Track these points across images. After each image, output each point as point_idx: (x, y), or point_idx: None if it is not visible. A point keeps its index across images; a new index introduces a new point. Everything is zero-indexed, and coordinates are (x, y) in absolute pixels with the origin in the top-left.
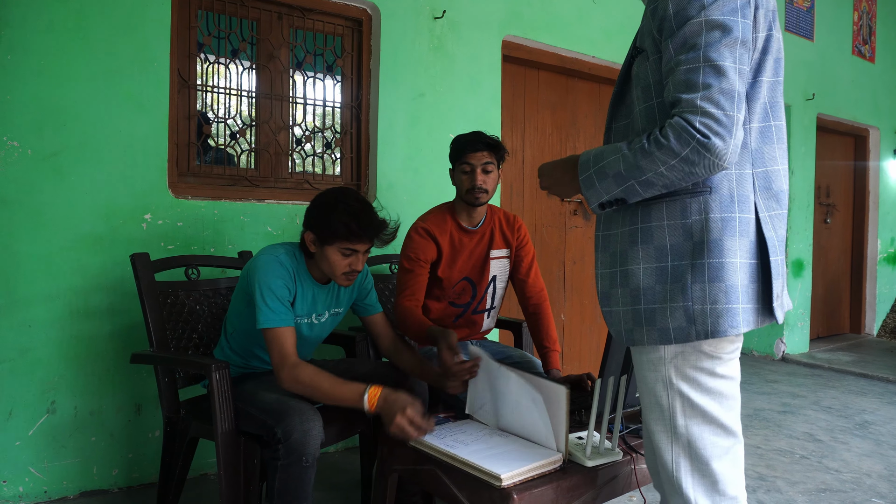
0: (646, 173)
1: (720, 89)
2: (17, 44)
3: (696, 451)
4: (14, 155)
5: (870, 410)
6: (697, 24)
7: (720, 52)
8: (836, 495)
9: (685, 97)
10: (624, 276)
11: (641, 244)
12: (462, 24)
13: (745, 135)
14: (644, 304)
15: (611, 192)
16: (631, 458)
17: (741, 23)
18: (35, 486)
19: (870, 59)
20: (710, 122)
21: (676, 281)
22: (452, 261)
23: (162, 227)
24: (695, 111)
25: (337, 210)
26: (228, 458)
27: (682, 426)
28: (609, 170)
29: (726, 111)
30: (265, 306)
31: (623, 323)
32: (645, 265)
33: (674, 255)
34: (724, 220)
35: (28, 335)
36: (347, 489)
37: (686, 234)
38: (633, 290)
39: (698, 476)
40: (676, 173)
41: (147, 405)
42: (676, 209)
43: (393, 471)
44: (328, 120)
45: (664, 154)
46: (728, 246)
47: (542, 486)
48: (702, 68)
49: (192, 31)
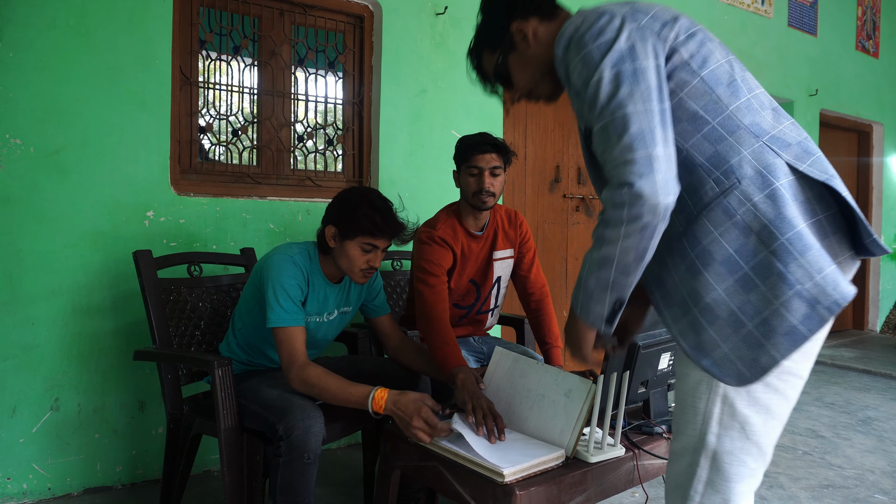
0: (613, 256)
1: (630, 136)
2: (20, 41)
3: (720, 465)
4: (17, 153)
5: (873, 406)
6: (595, 83)
7: (620, 101)
8: (839, 491)
9: (604, 159)
10: (707, 312)
11: (705, 270)
12: (464, 20)
13: (729, 118)
14: (750, 321)
15: (605, 301)
16: (633, 453)
17: (640, 54)
18: (39, 482)
19: (873, 55)
20: (627, 171)
21: (767, 276)
22: (462, 268)
23: (164, 225)
24: (613, 169)
25: (362, 205)
26: (231, 454)
27: (713, 434)
28: (590, 282)
29: (637, 153)
30: (277, 305)
31: (739, 360)
32: (723, 286)
33: (746, 258)
34: (770, 195)
35: (31, 332)
36: (351, 486)
37: (744, 231)
38: (728, 318)
39: (711, 492)
40: (634, 237)
41: (150, 402)
42: (719, 215)
43: (396, 467)
44: (330, 117)
45: (613, 227)
46: (792, 214)
47: (545, 481)
48: (609, 125)
49: (193, 28)
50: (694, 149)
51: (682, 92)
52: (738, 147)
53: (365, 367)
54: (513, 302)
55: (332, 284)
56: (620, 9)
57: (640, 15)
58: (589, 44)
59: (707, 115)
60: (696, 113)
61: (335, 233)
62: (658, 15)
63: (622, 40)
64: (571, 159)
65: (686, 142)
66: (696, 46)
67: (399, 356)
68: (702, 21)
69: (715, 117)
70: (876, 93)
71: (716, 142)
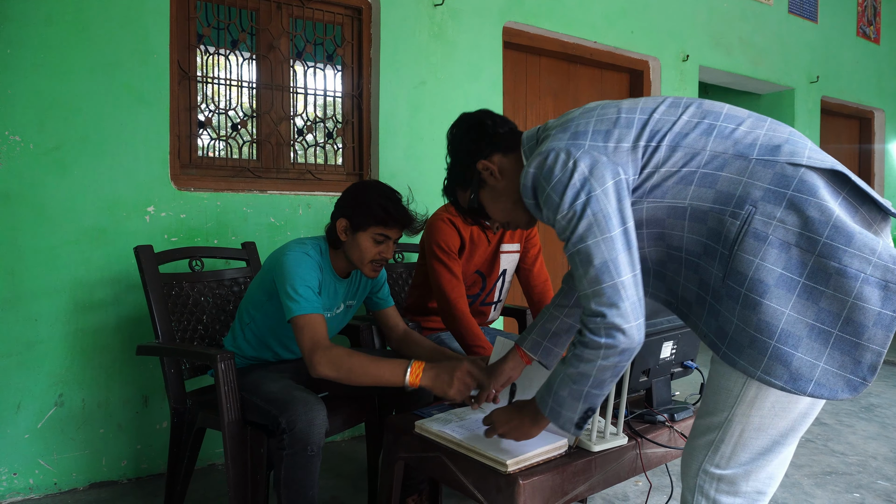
0: (589, 375)
1: (595, 268)
2: (17, 38)
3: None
4: (16, 149)
5: (875, 394)
6: (560, 220)
7: (580, 235)
8: (842, 478)
9: (577, 285)
10: (786, 338)
11: (764, 298)
12: (462, 11)
13: (713, 158)
14: (834, 327)
15: (576, 410)
16: (636, 442)
17: (593, 184)
18: (45, 478)
19: (874, 41)
20: (597, 302)
21: (827, 278)
22: (471, 255)
23: (165, 220)
24: (584, 299)
25: (374, 196)
26: (235, 447)
27: (739, 422)
28: (562, 391)
29: (604, 284)
30: (297, 295)
31: (842, 369)
32: (789, 306)
33: (797, 270)
34: (789, 203)
35: (34, 328)
36: (354, 477)
37: (783, 247)
38: (811, 334)
39: (716, 481)
40: (613, 359)
41: (154, 396)
42: (751, 244)
43: (399, 458)
44: (329, 110)
45: (592, 350)
46: (818, 210)
47: (548, 471)
48: (575, 256)
49: (191, 23)
50: (695, 200)
51: (657, 173)
52: (735, 177)
53: None
54: (515, 293)
55: (341, 279)
56: (562, 140)
57: (581, 139)
58: (546, 187)
59: (691, 168)
60: (680, 172)
61: (346, 225)
62: (598, 130)
63: (575, 177)
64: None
65: (684, 200)
66: (652, 128)
67: (402, 347)
68: (701, 9)
69: (699, 165)
70: (877, 79)
71: (711, 184)
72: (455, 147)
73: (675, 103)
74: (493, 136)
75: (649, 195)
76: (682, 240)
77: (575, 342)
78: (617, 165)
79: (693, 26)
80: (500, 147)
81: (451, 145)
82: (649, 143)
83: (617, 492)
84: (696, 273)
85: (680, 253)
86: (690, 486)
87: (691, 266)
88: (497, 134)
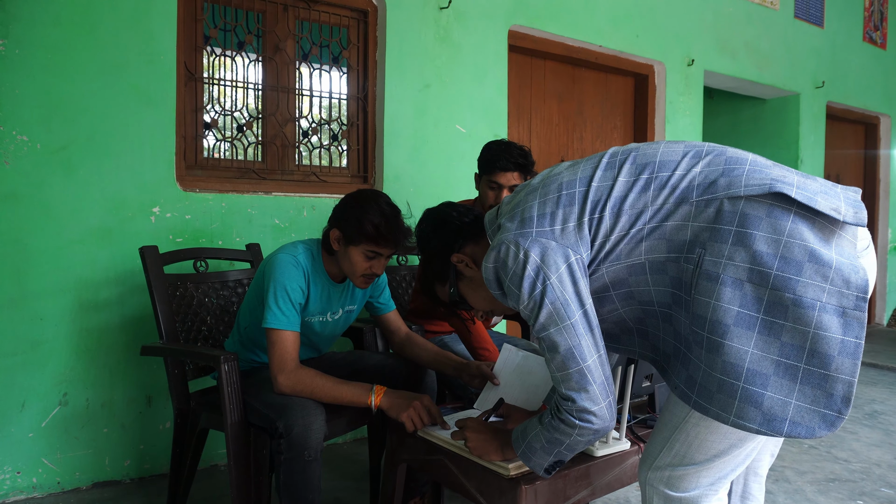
0: (563, 442)
1: (561, 355)
2: (25, 38)
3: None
4: (23, 149)
5: (879, 400)
6: (524, 311)
7: (542, 324)
8: (845, 485)
9: (549, 366)
10: (753, 378)
11: (725, 339)
12: (468, 14)
13: (657, 211)
14: (799, 361)
15: (546, 460)
16: (638, 447)
17: (547, 273)
18: (48, 477)
19: (881, 46)
20: (567, 386)
21: (784, 311)
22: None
23: (170, 220)
24: (556, 382)
25: (369, 211)
26: (238, 449)
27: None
28: (535, 443)
29: (571, 369)
30: (275, 307)
31: (814, 404)
32: (751, 344)
33: (753, 306)
34: (735, 239)
35: (39, 328)
36: (358, 479)
37: (735, 285)
38: (777, 370)
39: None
40: (587, 435)
41: (158, 397)
42: (704, 285)
43: (402, 461)
44: (335, 112)
45: (568, 426)
46: (764, 242)
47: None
48: (543, 342)
49: (198, 24)
50: (650, 254)
51: (608, 241)
52: (682, 223)
53: (368, 363)
54: None
55: (336, 284)
56: (510, 231)
57: (528, 226)
58: (505, 279)
59: (638, 227)
60: (629, 234)
61: (339, 237)
62: (543, 214)
63: (528, 268)
64: (576, 154)
65: (640, 256)
66: (593, 199)
67: (405, 351)
68: (707, 13)
69: (646, 223)
70: (883, 85)
71: (661, 236)
72: (427, 245)
73: (610, 163)
74: (461, 227)
75: (605, 261)
76: (651, 293)
77: (552, 413)
78: (567, 248)
79: (698, 30)
80: (470, 236)
81: (422, 243)
82: (592, 216)
83: (619, 497)
84: (671, 324)
85: (653, 307)
86: (643, 480)
87: (666, 318)
88: (464, 224)
